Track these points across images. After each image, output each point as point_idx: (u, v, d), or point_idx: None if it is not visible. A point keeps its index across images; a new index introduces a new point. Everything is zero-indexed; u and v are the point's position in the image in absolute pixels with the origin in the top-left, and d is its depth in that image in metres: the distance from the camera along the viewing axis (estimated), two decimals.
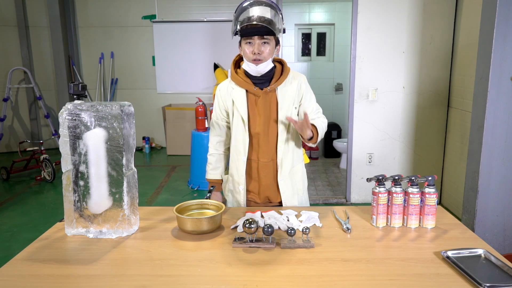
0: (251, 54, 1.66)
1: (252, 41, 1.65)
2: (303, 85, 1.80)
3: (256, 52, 1.64)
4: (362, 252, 1.35)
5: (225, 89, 1.82)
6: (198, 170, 4.68)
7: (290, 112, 1.76)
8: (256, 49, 1.64)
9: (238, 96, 1.77)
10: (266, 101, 1.75)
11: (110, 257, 1.34)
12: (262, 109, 1.76)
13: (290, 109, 1.76)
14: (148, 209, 1.77)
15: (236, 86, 1.78)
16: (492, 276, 1.19)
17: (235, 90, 1.78)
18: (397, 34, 3.82)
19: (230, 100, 1.79)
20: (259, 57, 1.66)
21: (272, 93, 1.75)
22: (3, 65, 6.41)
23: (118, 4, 6.60)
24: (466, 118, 3.57)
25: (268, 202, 1.89)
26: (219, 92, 1.84)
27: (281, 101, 1.75)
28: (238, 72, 1.80)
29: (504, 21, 2.47)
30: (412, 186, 1.54)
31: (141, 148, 6.73)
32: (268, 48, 1.66)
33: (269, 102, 1.75)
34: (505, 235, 2.75)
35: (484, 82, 2.59)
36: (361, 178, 4.11)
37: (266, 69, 1.71)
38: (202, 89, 6.72)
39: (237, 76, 1.78)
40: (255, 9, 1.63)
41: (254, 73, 1.71)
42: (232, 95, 1.79)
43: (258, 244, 1.39)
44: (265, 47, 1.65)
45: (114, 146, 1.45)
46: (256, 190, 1.86)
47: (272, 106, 1.76)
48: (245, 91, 1.77)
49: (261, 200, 1.88)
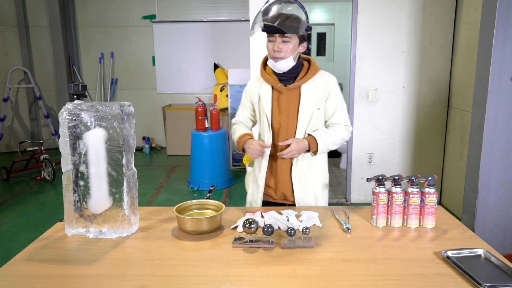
0: (272, 51, 1.70)
1: (273, 39, 1.69)
2: (330, 86, 1.79)
3: (275, 50, 1.68)
4: (362, 252, 1.35)
5: (254, 84, 1.88)
6: (198, 170, 4.68)
7: (311, 112, 1.77)
8: (276, 46, 1.68)
9: (264, 92, 1.82)
10: (288, 98, 1.78)
11: (110, 257, 1.34)
12: (283, 105, 1.78)
13: (312, 109, 1.77)
14: (148, 209, 1.77)
15: (264, 82, 1.83)
16: (492, 276, 1.19)
17: (262, 85, 1.83)
18: (397, 34, 3.82)
19: (257, 95, 1.84)
20: (278, 54, 1.69)
21: (295, 91, 1.77)
22: (3, 65, 6.41)
23: (118, 4, 6.60)
24: (466, 118, 3.57)
25: (284, 199, 1.89)
26: (250, 84, 1.90)
27: (303, 99, 1.76)
28: (267, 68, 1.84)
29: (504, 21, 2.47)
30: (412, 186, 1.54)
31: (141, 148, 6.73)
32: (289, 46, 1.68)
33: (291, 99, 1.78)
34: (505, 235, 2.75)
35: (484, 82, 2.59)
36: (361, 178, 4.10)
37: (286, 66, 1.73)
38: (202, 89, 6.72)
39: (265, 73, 1.82)
40: (277, 7, 1.65)
41: (275, 69, 1.76)
42: (259, 90, 1.83)
43: (258, 244, 1.39)
44: (284, 45, 1.68)
45: (114, 146, 1.45)
46: (274, 185, 1.88)
47: (294, 104, 1.78)
48: (271, 87, 1.81)
49: (278, 196, 1.89)
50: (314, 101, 1.76)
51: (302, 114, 1.76)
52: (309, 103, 1.76)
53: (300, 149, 1.73)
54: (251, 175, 1.97)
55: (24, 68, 6.34)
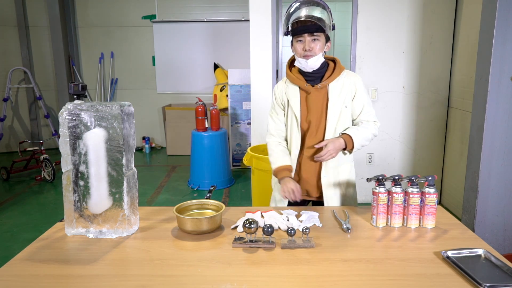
0: (302, 50, 1.72)
1: (302, 39, 1.71)
2: (357, 85, 1.83)
3: (306, 49, 1.70)
4: (362, 252, 1.35)
5: (281, 87, 1.89)
6: (198, 170, 4.68)
7: (340, 110, 1.79)
8: (306, 45, 1.70)
9: (292, 93, 1.83)
10: (317, 97, 1.80)
11: (110, 257, 1.34)
12: (312, 105, 1.80)
13: (340, 107, 1.80)
14: (148, 209, 1.77)
15: (291, 84, 1.85)
16: (492, 276, 1.19)
17: (289, 87, 1.85)
18: (397, 34, 3.82)
19: (286, 98, 1.86)
20: (309, 53, 1.71)
21: (323, 90, 1.80)
22: (3, 65, 6.41)
23: (118, 4, 6.60)
24: (466, 118, 3.57)
25: (306, 195, 1.92)
26: (276, 89, 1.91)
27: (332, 98, 1.79)
28: (293, 70, 1.86)
29: (504, 21, 2.47)
30: (412, 186, 1.54)
31: (141, 148, 6.73)
32: (318, 45, 1.71)
33: (320, 99, 1.80)
34: (505, 235, 2.75)
35: (484, 82, 2.59)
36: (361, 178, 4.10)
37: (317, 64, 1.76)
38: (202, 89, 6.72)
39: (291, 74, 1.84)
40: (304, 8, 1.69)
41: (305, 68, 1.77)
42: (287, 93, 1.85)
43: (258, 244, 1.39)
44: (315, 43, 1.71)
45: (114, 146, 1.45)
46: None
47: (323, 103, 1.80)
48: (298, 88, 1.82)
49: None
50: (342, 99, 1.80)
51: (331, 113, 1.79)
52: (337, 102, 1.79)
53: (337, 149, 1.75)
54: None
55: (24, 68, 6.34)
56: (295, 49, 1.76)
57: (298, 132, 1.84)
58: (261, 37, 3.70)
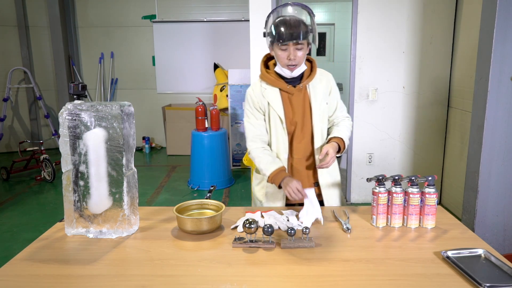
0: (286, 59, 1.67)
1: (286, 47, 1.65)
2: (331, 82, 1.85)
3: (291, 58, 1.66)
4: (362, 252, 1.35)
5: (257, 91, 1.81)
6: (198, 170, 4.68)
7: (322, 108, 1.80)
8: (291, 55, 1.65)
9: (273, 96, 1.78)
10: (299, 98, 1.78)
11: (110, 257, 1.34)
12: (296, 106, 1.78)
13: (322, 104, 1.80)
14: (148, 209, 1.77)
15: (268, 85, 1.79)
16: (492, 276, 1.19)
17: (268, 90, 1.79)
18: (397, 34, 3.82)
19: (265, 101, 1.79)
20: (294, 62, 1.67)
21: (303, 90, 1.79)
22: (3, 65, 6.41)
23: (118, 4, 6.60)
24: (466, 118, 3.57)
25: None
26: (252, 93, 1.82)
27: (314, 97, 1.78)
28: (269, 71, 1.81)
29: (504, 21, 2.47)
30: (412, 186, 1.54)
31: (141, 148, 6.73)
32: (302, 52, 1.68)
33: (301, 99, 1.78)
34: (505, 235, 2.75)
35: (484, 82, 2.59)
36: (361, 178, 4.10)
37: (300, 71, 1.74)
38: (202, 89, 6.72)
39: (269, 76, 1.79)
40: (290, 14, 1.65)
41: (289, 76, 1.75)
42: (266, 96, 1.78)
43: (258, 244, 1.39)
44: (299, 52, 1.66)
45: (114, 146, 1.45)
46: None
47: (306, 103, 1.79)
48: (278, 89, 1.79)
49: None
50: (322, 97, 1.80)
51: (316, 112, 1.78)
52: (319, 100, 1.79)
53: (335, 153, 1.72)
54: (263, 183, 1.88)
55: (24, 68, 6.34)
56: (278, 56, 1.69)
57: (285, 134, 1.78)
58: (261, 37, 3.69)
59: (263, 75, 1.80)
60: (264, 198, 1.88)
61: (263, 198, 1.88)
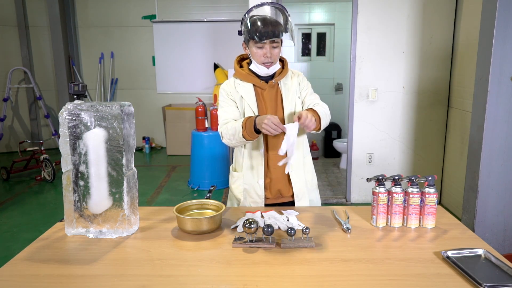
0: (263, 57, 1.73)
1: (262, 45, 1.71)
2: (300, 78, 1.91)
3: (268, 56, 1.72)
4: (362, 252, 1.35)
5: (231, 85, 1.85)
6: (198, 170, 4.68)
7: (294, 102, 1.83)
8: (268, 52, 1.71)
9: (246, 91, 1.82)
10: (271, 93, 1.82)
11: (110, 257, 1.34)
12: (268, 101, 1.82)
13: (294, 99, 1.83)
14: (148, 209, 1.77)
15: (242, 81, 1.84)
16: (492, 276, 1.19)
17: (241, 85, 1.83)
18: (397, 34, 3.82)
19: (238, 95, 1.83)
20: (270, 60, 1.74)
21: (275, 86, 1.84)
22: (3, 65, 6.41)
23: (118, 4, 6.60)
24: (466, 118, 3.57)
25: (280, 196, 1.88)
26: (226, 87, 1.85)
27: (285, 93, 1.83)
28: (243, 69, 1.86)
29: (504, 21, 2.47)
30: (412, 186, 1.54)
31: (141, 148, 6.73)
32: (277, 50, 1.74)
33: (273, 94, 1.82)
34: (505, 235, 2.75)
35: (484, 82, 2.59)
36: (361, 178, 4.10)
37: (276, 69, 1.80)
38: (202, 89, 6.72)
39: (242, 72, 1.83)
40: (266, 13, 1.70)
41: (264, 74, 1.79)
42: (239, 90, 1.82)
43: (258, 244, 1.39)
44: (275, 50, 1.73)
45: (114, 146, 1.45)
46: (268, 183, 1.86)
47: (278, 98, 1.83)
48: (252, 85, 1.83)
49: (273, 194, 1.86)
50: (294, 93, 1.84)
51: (287, 106, 1.81)
52: (291, 95, 1.83)
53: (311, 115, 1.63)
54: (240, 180, 1.88)
55: (24, 68, 6.34)
56: (254, 54, 1.73)
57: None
58: None
59: (237, 71, 1.85)
60: (242, 195, 1.88)
61: (241, 195, 1.88)
